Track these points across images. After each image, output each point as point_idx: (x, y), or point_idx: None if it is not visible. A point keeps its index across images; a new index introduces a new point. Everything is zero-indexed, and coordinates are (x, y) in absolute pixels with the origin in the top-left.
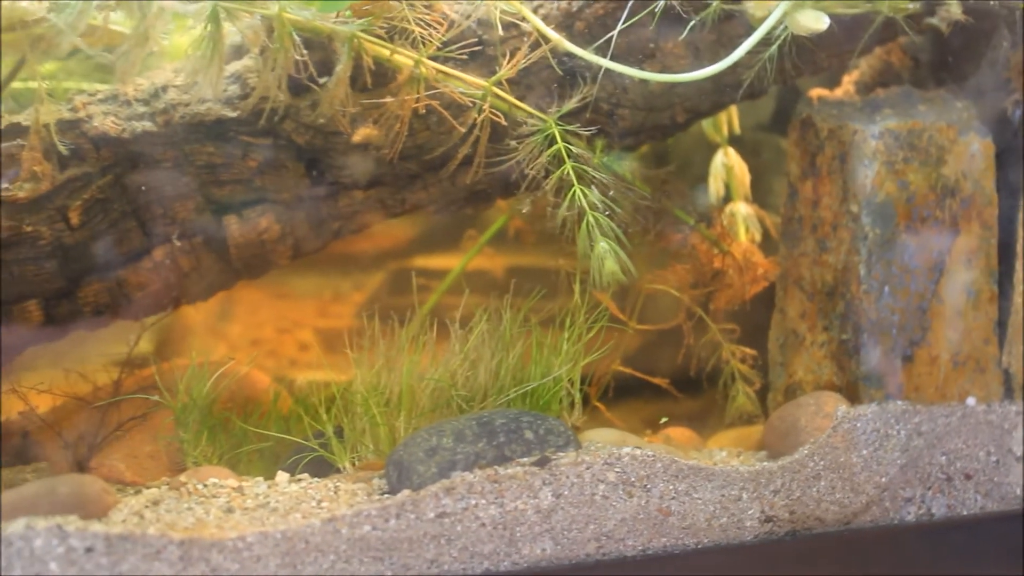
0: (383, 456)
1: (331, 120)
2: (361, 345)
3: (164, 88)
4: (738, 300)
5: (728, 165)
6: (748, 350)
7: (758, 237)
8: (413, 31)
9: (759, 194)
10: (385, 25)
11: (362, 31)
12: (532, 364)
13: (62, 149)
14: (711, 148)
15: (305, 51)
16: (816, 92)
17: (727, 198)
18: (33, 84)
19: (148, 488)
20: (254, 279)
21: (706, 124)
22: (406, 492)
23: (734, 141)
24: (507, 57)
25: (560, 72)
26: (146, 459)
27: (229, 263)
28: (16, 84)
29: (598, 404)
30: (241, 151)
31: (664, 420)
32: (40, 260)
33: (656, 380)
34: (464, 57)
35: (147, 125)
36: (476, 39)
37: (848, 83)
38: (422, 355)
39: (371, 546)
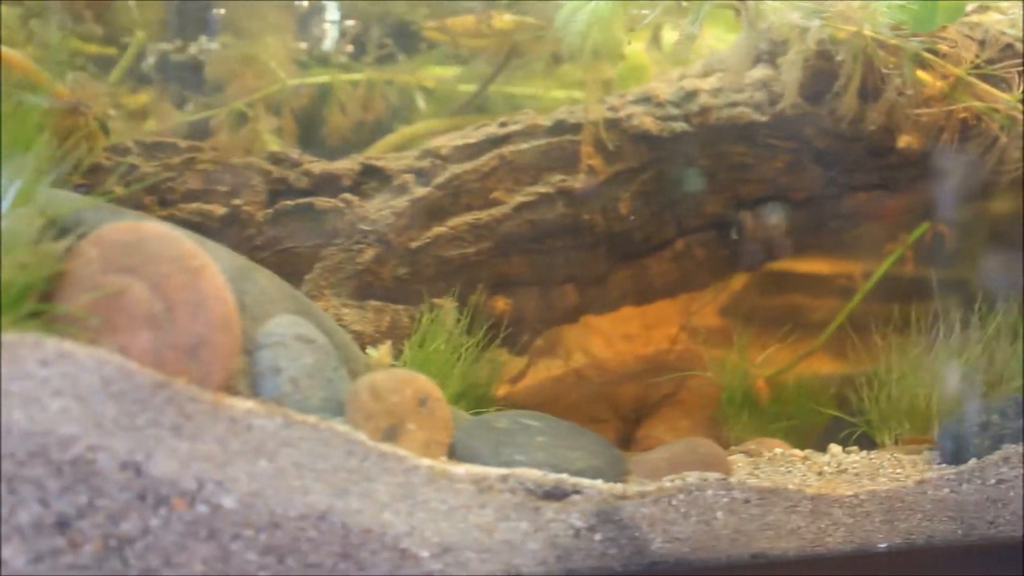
0: (917, 432)
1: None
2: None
3: (695, 92)
4: None
5: None
6: None
7: None
8: (947, 51)
9: None
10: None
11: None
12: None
13: (610, 146)
14: None
15: (888, 65)
16: None
17: None
18: None
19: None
20: (750, 271)
21: None
22: (973, 461)
23: None
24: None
25: None
26: (685, 431)
27: (736, 255)
28: None
29: None
30: (769, 153)
31: None
32: (594, 246)
33: None
34: (1010, 75)
35: (683, 125)
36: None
37: None
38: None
39: (948, 507)
